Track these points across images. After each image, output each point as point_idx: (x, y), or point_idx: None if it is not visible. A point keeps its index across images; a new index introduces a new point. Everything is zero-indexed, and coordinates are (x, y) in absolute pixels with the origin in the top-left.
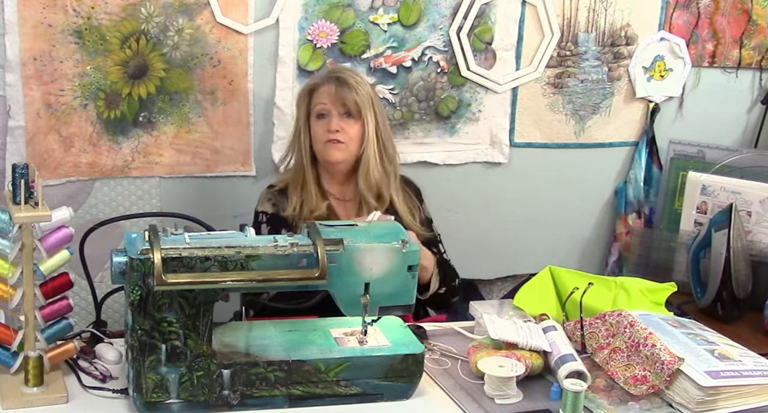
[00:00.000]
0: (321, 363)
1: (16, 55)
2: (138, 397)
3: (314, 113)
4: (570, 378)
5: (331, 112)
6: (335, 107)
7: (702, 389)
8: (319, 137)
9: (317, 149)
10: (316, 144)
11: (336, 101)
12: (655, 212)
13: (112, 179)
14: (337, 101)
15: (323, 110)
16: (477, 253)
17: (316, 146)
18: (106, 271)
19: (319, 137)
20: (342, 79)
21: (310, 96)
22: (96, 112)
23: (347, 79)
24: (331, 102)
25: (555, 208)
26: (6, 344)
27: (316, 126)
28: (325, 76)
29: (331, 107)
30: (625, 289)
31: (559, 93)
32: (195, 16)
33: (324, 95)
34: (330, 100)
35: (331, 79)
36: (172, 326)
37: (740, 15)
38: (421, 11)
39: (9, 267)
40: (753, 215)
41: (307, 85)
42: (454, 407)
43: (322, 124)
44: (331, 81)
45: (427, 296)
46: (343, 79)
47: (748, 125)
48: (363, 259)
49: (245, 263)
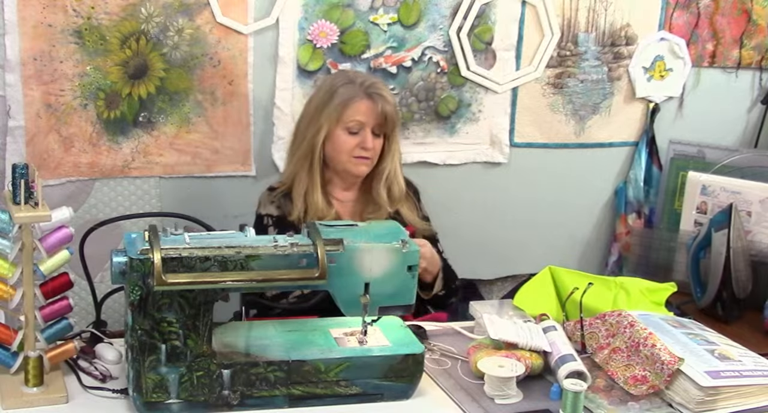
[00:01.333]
0: (321, 363)
1: (16, 55)
2: (138, 397)
3: (345, 126)
4: (570, 378)
5: (365, 129)
6: (370, 124)
7: (702, 389)
8: (347, 150)
9: (340, 159)
10: (339, 155)
11: (373, 119)
12: (655, 212)
13: (112, 179)
14: (374, 120)
15: (358, 126)
16: (477, 253)
17: (338, 157)
18: (106, 271)
19: (347, 150)
20: (380, 96)
21: (343, 108)
22: (96, 112)
23: (385, 96)
24: (367, 120)
25: (555, 208)
26: (6, 344)
27: (344, 138)
28: (362, 91)
29: (366, 125)
30: (625, 289)
31: (559, 93)
32: (195, 16)
33: (360, 112)
34: (366, 118)
35: (370, 95)
36: (172, 326)
37: (740, 15)
38: (421, 11)
39: (9, 267)
40: (753, 215)
41: (340, 98)
42: (454, 407)
43: (353, 138)
44: (369, 97)
45: (429, 296)
46: (381, 96)
47: (748, 125)
48: (363, 259)
49: (245, 263)
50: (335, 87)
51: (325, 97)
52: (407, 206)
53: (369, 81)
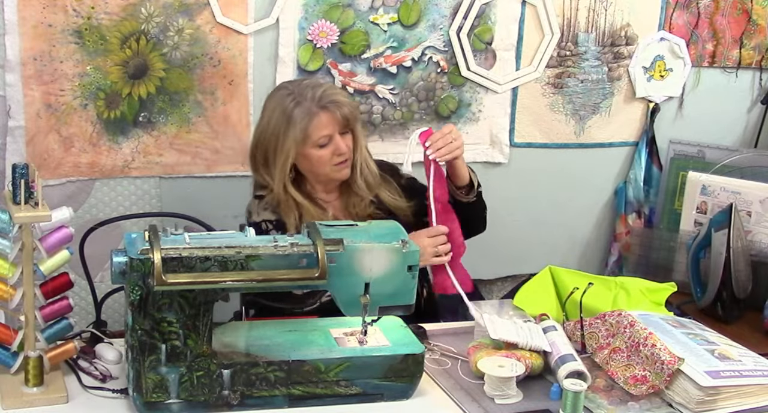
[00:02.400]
0: (321, 363)
1: (16, 55)
2: (138, 397)
3: (315, 144)
4: (570, 378)
5: (333, 136)
6: (336, 131)
7: (702, 389)
8: (326, 161)
9: (322, 172)
10: (319, 168)
11: (338, 128)
12: (655, 212)
13: (112, 179)
14: (336, 126)
15: (327, 139)
16: (477, 253)
17: (319, 170)
18: (106, 271)
19: (326, 161)
20: (334, 103)
21: (306, 130)
22: (96, 112)
23: (338, 100)
24: (332, 130)
25: (555, 208)
26: (6, 344)
27: (318, 154)
28: (316, 107)
29: (333, 133)
30: (625, 289)
31: (559, 93)
32: (195, 16)
33: (323, 126)
34: (331, 129)
35: (325, 107)
36: (172, 326)
37: (740, 15)
38: (421, 11)
39: (9, 267)
40: (753, 215)
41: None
42: (454, 407)
43: (326, 150)
44: (326, 109)
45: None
46: (335, 103)
47: (748, 125)
48: (363, 259)
49: (245, 263)
50: (288, 111)
51: (282, 123)
52: (385, 189)
53: (318, 92)
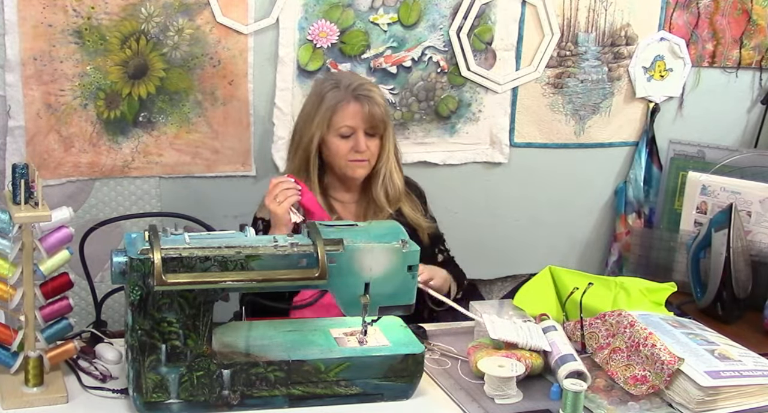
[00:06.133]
0: (321, 363)
1: (16, 55)
2: (138, 397)
3: (337, 132)
4: (570, 378)
5: (357, 132)
6: (361, 127)
7: (702, 389)
8: (342, 154)
9: (338, 164)
10: (335, 159)
11: (363, 122)
12: (655, 212)
13: (112, 179)
14: (364, 122)
15: (349, 131)
16: (477, 253)
17: (335, 161)
18: (106, 271)
19: (342, 154)
20: (367, 98)
21: (332, 114)
22: (96, 112)
23: (373, 97)
24: (357, 123)
25: (555, 208)
26: (6, 344)
27: (337, 143)
28: (348, 95)
29: (356, 128)
30: (625, 289)
31: (559, 93)
32: (195, 16)
33: (349, 116)
34: (356, 122)
35: (357, 97)
36: (172, 326)
37: (740, 15)
38: (421, 11)
39: (9, 267)
40: (753, 215)
41: (327, 103)
42: (454, 407)
43: (346, 142)
44: (357, 100)
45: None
46: (368, 98)
47: (748, 125)
48: (363, 259)
49: (245, 263)
50: (323, 92)
51: (315, 104)
52: (409, 205)
53: (356, 83)
